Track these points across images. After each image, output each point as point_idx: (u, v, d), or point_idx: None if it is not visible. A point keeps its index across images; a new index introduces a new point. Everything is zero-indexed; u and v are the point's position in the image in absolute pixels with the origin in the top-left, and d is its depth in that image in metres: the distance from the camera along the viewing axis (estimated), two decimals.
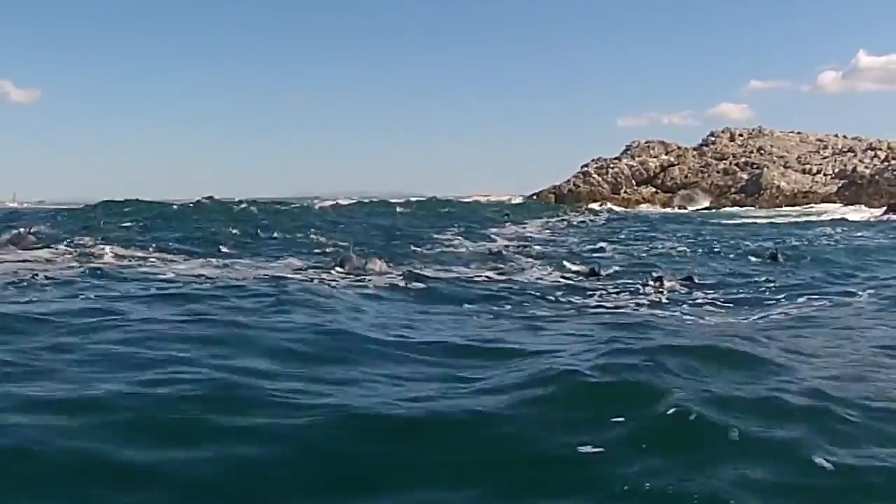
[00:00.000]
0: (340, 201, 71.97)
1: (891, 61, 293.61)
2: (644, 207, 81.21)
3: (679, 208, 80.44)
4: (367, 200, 73.69)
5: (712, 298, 12.46)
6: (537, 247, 24.70)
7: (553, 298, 12.43)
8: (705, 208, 79.81)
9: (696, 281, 14.29)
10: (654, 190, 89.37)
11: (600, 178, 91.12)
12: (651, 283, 13.68)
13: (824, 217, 54.17)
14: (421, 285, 13.44)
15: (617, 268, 17.40)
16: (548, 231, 36.81)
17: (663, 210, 78.23)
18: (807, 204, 75.02)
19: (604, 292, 13.23)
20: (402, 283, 13.59)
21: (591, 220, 48.73)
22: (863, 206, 69.49)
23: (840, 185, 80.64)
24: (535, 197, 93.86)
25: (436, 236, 28.74)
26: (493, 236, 29.94)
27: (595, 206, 79.85)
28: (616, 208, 76.93)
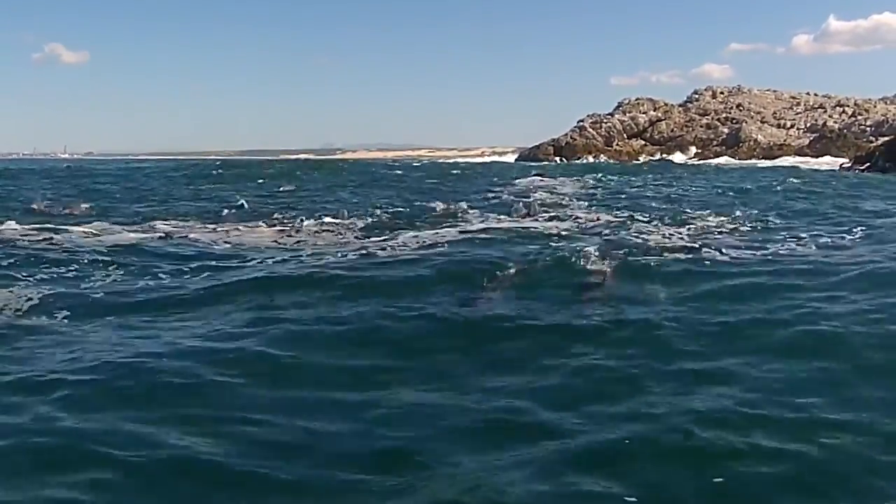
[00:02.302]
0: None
1: (858, 26, 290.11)
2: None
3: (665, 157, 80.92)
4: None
5: None
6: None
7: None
8: (692, 158, 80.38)
9: None
10: (643, 143, 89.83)
11: (595, 132, 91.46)
12: None
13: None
14: None
15: None
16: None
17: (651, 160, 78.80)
18: (781, 156, 75.48)
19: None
20: None
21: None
22: (831, 158, 70.08)
23: (811, 138, 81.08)
24: (536, 149, 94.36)
25: None
26: None
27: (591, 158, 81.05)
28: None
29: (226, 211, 18.04)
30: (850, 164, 59.02)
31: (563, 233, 12.06)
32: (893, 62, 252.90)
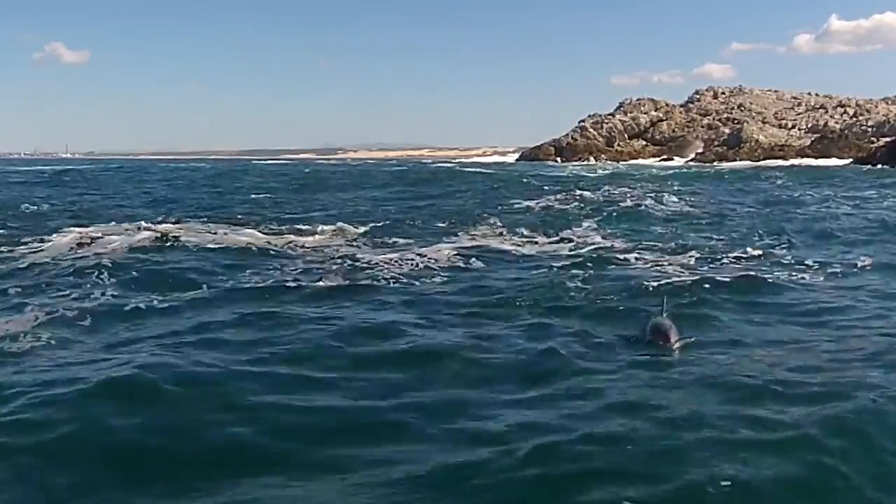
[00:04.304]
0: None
1: (859, 26, 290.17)
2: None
3: (667, 160, 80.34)
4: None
5: None
6: None
7: None
8: (692, 160, 79.80)
9: None
10: (644, 143, 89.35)
11: (596, 133, 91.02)
12: None
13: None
14: None
15: None
16: None
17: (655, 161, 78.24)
18: (782, 156, 74.85)
19: None
20: None
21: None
22: (834, 159, 69.57)
23: (813, 139, 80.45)
24: (537, 149, 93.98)
25: None
26: None
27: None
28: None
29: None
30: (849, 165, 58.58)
31: None
32: (895, 62, 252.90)
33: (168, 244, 11.72)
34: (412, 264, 9.91)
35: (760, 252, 11.06)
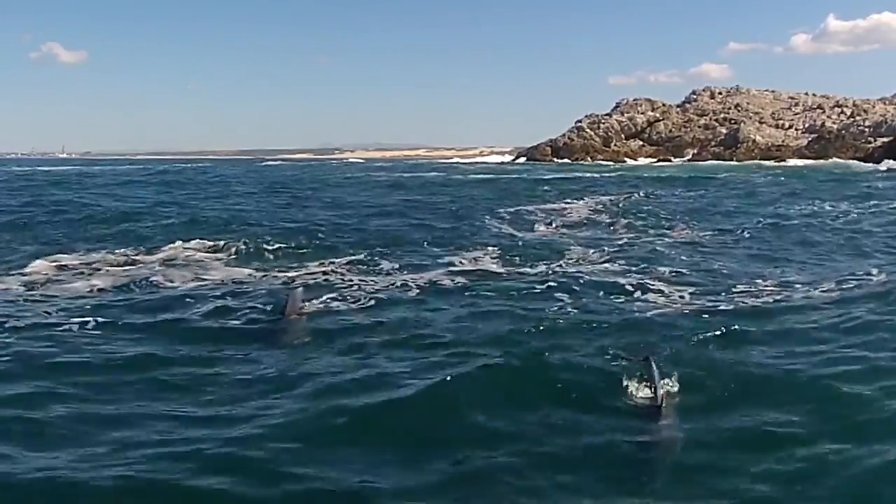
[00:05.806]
0: None
1: (857, 26, 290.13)
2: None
3: (664, 161, 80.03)
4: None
5: None
6: None
7: None
8: (689, 160, 79.56)
9: None
10: (641, 143, 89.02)
11: (593, 133, 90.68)
12: None
13: None
14: None
15: None
16: None
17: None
18: (779, 157, 74.59)
19: None
20: None
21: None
22: (831, 159, 69.32)
23: (810, 139, 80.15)
24: (534, 149, 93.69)
25: None
26: None
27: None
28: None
29: None
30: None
31: None
32: (892, 62, 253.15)
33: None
34: (391, 290, 9.30)
35: (771, 278, 10.17)
